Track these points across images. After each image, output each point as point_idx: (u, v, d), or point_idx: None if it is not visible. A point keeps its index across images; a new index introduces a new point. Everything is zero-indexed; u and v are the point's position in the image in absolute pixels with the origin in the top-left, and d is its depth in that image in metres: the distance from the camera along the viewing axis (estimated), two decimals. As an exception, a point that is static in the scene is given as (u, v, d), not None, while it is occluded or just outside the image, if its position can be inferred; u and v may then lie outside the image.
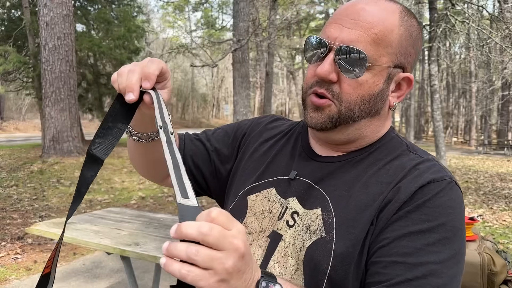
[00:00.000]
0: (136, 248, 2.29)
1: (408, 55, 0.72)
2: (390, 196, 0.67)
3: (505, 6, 10.23)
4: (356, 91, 0.70)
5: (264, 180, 0.82)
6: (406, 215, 0.65)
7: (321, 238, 0.69)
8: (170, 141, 0.56)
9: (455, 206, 0.66)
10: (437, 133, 9.85)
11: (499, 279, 1.58)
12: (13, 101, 31.68)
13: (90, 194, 7.09)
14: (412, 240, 0.63)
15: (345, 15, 0.70)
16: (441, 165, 0.72)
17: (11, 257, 4.05)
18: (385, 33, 0.68)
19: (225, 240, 0.45)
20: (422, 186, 0.66)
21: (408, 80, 0.74)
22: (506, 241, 4.84)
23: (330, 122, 0.72)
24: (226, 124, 0.99)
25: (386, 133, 0.78)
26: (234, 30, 8.75)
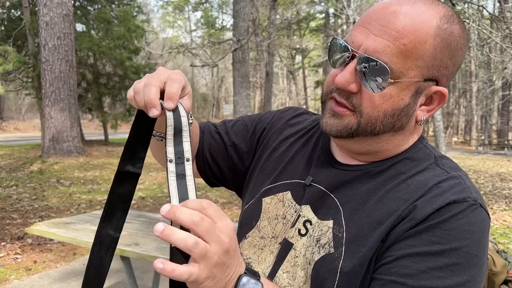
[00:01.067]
0: (136, 248, 2.28)
1: (443, 67, 0.64)
2: (404, 214, 0.61)
3: (505, 6, 10.24)
4: (379, 105, 0.63)
5: (281, 182, 0.78)
6: (416, 234, 0.59)
7: (329, 254, 0.65)
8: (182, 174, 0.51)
9: (473, 231, 0.58)
10: (437, 133, 9.85)
11: (499, 279, 1.57)
12: (13, 101, 31.69)
13: (90, 194, 7.08)
14: (416, 261, 0.57)
15: (375, 19, 0.62)
16: (467, 183, 0.64)
17: (11, 257, 4.05)
18: (415, 45, 0.60)
19: (213, 232, 0.46)
20: (440, 208, 0.59)
21: (441, 94, 0.66)
22: (507, 241, 4.84)
23: (346, 131, 0.66)
24: (247, 116, 0.94)
25: (414, 143, 0.71)
26: (234, 30, 8.74)
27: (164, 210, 0.45)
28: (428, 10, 0.62)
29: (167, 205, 0.45)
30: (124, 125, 24.43)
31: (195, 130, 0.84)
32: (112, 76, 14.88)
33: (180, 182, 0.51)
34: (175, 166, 0.51)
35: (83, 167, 9.60)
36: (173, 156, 0.52)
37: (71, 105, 10.32)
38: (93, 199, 6.74)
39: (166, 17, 33.29)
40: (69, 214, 5.68)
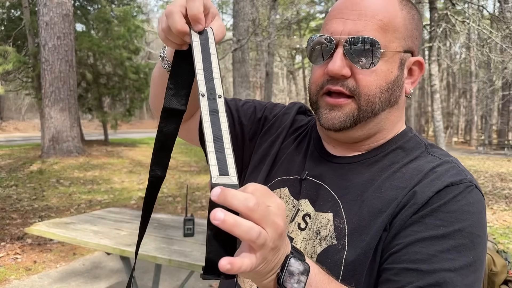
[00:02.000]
0: (136, 248, 2.28)
1: (414, 38, 0.70)
2: (404, 201, 0.63)
3: (505, 6, 10.23)
4: (374, 82, 0.66)
5: (278, 179, 0.79)
6: (420, 220, 0.61)
7: (332, 246, 0.66)
8: (215, 109, 0.47)
9: (473, 211, 0.61)
10: (437, 133, 9.84)
11: (499, 279, 1.57)
12: (13, 101, 31.67)
13: (90, 194, 7.08)
14: (425, 246, 0.59)
15: (345, 8, 0.68)
16: (461, 167, 0.67)
17: (11, 257, 4.05)
18: (389, 19, 0.66)
19: (268, 217, 0.43)
20: (439, 190, 0.62)
21: (419, 64, 0.72)
22: (507, 241, 4.83)
23: (349, 120, 0.68)
24: (258, 100, 0.94)
25: (402, 132, 0.74)
26: (234, 30, 8.74)
27: (215, 194, 0.41)
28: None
29: (217, 189, 0.41)
30: (124, 125, 24.42)
31: None
32: (112, 76, 14.87)
33: (213, 117, 0.47)
34: (208, 101, 0.48)
35: (83, 167, 9.60)
36: (205, 90, 0.48)
37: (71, 105, 10.32)
38: (93, 199, 6.73)
39: (166, 17, 33.27)
40: (69, 214, 5.67)
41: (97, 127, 27.34)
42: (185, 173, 9.86)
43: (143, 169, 10.14)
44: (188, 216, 2.54)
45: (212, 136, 0.45)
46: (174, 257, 2.14)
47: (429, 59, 9.89)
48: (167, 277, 3.55)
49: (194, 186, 8.25)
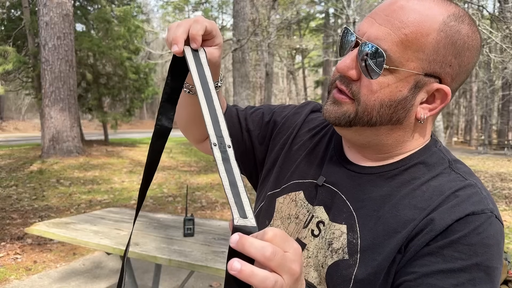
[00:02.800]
0: (136, 248, 2.28)
1: (446, 65, 0.62)
2: (422, 226, 0.61)
3: (505, 6, 10.24)
4: (375, 94, 0.63)
5: (293, 181, 0.78)
6: (438, 250, 0.59)
7: (343, 260, 0.66)
8: (226, 158, 0.52)
9: (492, 244, 0.59)
10: (437, 133, 9.84)
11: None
12: (13, 101, 31.67)
13: (90, 194, 7.08)
14: (441, 278, 0.58)
15: (382, 10, 0.63)
16: (484, 193, 0.63)
17: (11, 257, 4.04)
18: (417, 36, 0.60)
19: (285, 265, 0.43)
20: (459, 219, 0.59)
21: (443, 93, 0.64)
22: (507, 241, 4.83)
23: (344, 119, 0.67)
24: (268, 105, 0.95)
25: (425, 146, 0.70)
26: (234, 30, 8.74)
27: (234, 241, 0.42)
28: (437, 6, 0.62)
29: (236, 235, 0.42)
30: (124, 125, 24.41)
31: (221, 95, 0.85)
32: (112, 76, 14.86)
33: (227, 166, 0.51)
34: (220, 152, 0.52)
35: (83, 167, 9.60)
36: (216, 140, 0.52)
37: (71, 105, 10.32)
38: (93, 199, 6.73)
39: (166, 17, 33.29)
40: (69, 214, 5.67)
41: (97, 127, 27.34)
42: (185, 173, 9.86)
43: (143, 169, 10.14)
44: (188, 216, 2.54)
45: (228, 183, 0.50)
46: (174, 257, 2.14)
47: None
48: (167, 277, 3.55)
49: (194, 186, 8.25)
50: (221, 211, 6.23)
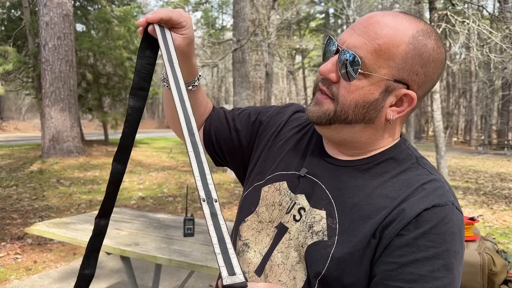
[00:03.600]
0: (136, 248, 2.28)
1: (413, 73, 0.72)
2: (394, 215, 0.70)
3: (505, 6, 10.24)
4: (350, 95, 0.72)
5: (278, 173, 0.86)
6: (413, 242, 0.67)
7: (322, 241, 0.74)
8: (214, 212, 0.58)
9: (456, 232, 0.69)
10: (437, 133, 9.84)
11: (499, 279, 1.57)
12: (13, 101, 31.68)
13: (90, 194, 7.09)
14: (418, 267, 0.66)
15: (361, 23, 0.73)
16: (446, 187, 0.73)
17: (11, 257, 4.05)
18: (389, 46, 0.69)
19: None
20: (427, 209, 0.68)
21: (410, 98, 0.73)
22: (506, 241, 4.84)
23: (325, 118, 0.75)
24: (253, 106, 1.03)
25: (396, 144, 0.79)
26: (234, 30, 8.74)
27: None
28: (408, 22, 0.72)
29: None
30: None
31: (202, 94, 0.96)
32: (112, 76, 14.87)
33: (215, 221, 0.57)
34: (208, 206, 0.58)
35: (83, 167, 9.60)
36: (204, 195, 0.59)
37: (71, 105, 10.32)
38: (93, 199, 6.74)
39: (166, 17, 33.19)
40: (69, 214, 5.68)
41: (97, 127, 27.34)
42: (185, 173, 9.86)
43: (143, 169, 10.15)
44: (188, 216, 2.54)
45: (217, 239, 0.54)
46: (174, 257, 2.15)
47: (429, 59, 9.88)
48: (167, 277, 3.55)
49: (194, 186, 8.24)
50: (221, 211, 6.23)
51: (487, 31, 9.58)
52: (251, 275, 0.82)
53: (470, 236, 1.76)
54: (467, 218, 1.81)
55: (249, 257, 0.83)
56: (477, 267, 1.56)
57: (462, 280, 1.59)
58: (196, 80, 0.90)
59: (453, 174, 10.98)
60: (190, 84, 0.89)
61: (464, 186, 8.91)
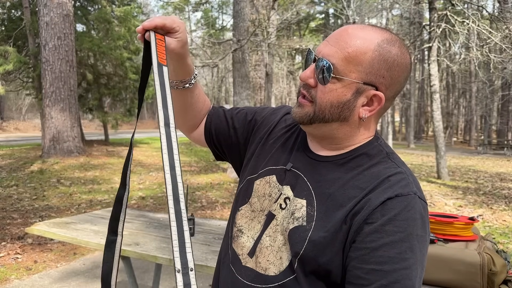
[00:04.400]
0: (136, 248, 2.29)
1: (380, 76, 0.82)
2: (362, 204, 0.79)
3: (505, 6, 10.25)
4: (326, 96, 0.83)
5: (268, 168, 0.98)
6: (381, 228, 0.77)
7: (301, 226, 0.84)
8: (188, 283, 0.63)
9: (418, 218, 0.78)
10: (437, 133, 9.84)
11: (499, 279, 1.58)
12: (13, 101, 31.68)
13: (91, 194, 7.09)
14: (387, 250, 0.75)
15: (334, 35, 0.84)
16: (411, 178, 0.82)
17: (11, 257, 4.05)
18: (357, 54, 0.80)
19: None
20: (390, 198, 0.78)
21: (378, 98, 0.84)
22: (506, 241, 4.84)
23: (306, 118, 0.86)
24: (250, 106, 1.15)
25: (369, 141, 0.90)
26: (234, 30, 8.75)
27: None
28: (374, 32, 0.83)
29: None
30: (125, 125, 24.39)
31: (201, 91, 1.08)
32: (112, 76, 14.87)
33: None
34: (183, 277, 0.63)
35: (84, 167, 9.61)
36: (180, 266, 0.63)
37: (71, 105, 10.33)
38: (93, 199, 6.74)
39: (166, 17, 33.21)
40: (70, 214, 5.68)
41: (98, 127, 27.34)
42: (185, 173, 9.87)
43: (143, 169, 10.15)
44: (188, 216, 2.55)
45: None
46: (174, 256, 2.15)
47: (429, 59, 9.89)
48: (167, 277, 3.56)
49: (194, 186, 8.26)
50: (221, 211, 6.24)
51: (487, 31, 9.58)
52: (245, 256, 0.93)
53: (470, 236, 1.76)
54: (466, 218, 1.82)
55: (243, 241, 0.94)
56: (477, 267, 1.57)
57: (462, 280, 1.59)
58: (193, 78, 1.00)
59: (453, 174, 10.99)
60: (187, 82, 1.00)
61: (463, 186, 8.91)
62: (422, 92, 29.32)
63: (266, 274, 0.87)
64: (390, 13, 22.65)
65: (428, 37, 9.99)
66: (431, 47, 9.63)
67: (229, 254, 0.99)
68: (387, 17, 22.81)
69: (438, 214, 1.86)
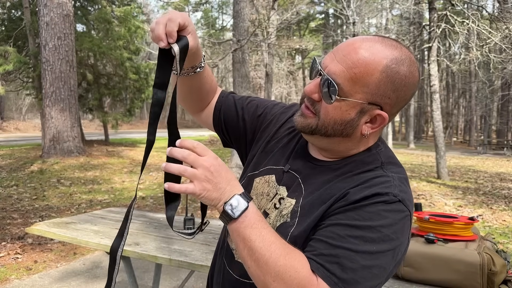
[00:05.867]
0: (136, 248, 2.29)
1: (386, 97, 0.81)
2: (340, 196, 0.82)
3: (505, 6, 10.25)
4: (330, 114, 0.83)
5: (269, 167, 0.99)
6: (343, 211, 0.79)
7: (285, 222, 0.88)
8: None
9: (388, 217, 0.76)
10: (437, 133, 9.84)
11: (498, 279, 1.58)
12: (13, 101, 31.68)
13: (90, 194, 7.09)
14: (339, 229, 0.76)
15: (341, 50, 0.81)
16: (396, 183, 0.81)
17: (11, 257, 4.06)
18: (363, 75, 0.78)
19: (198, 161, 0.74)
20: (367, 196, 0.78)
21: (382, 118, 0.83)
22: (506, 241, 4.84)
23: (307, 129, 0.87)
24: (262, 99, 1.15)
25: (368, 148, 0.90)
26: (234, 30, 8.75)
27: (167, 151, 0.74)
28: (384, 51, 0.79)
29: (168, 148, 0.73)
30: (125, 125, 24.40)
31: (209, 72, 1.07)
32: (112, 77, 14.87)
33: None
34: None
35: (84, 167, 9.61)
36: None
37: (71, 105, 10.33)
38: (93, 199, 6.74)
39: (166, 17, 33.18)
40: (70, 214, 5.68)
41: (98, 127, 27.34)
42: (185, 173, 9.86)
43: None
44: (188, 216, 2.55)
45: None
46: (174, 256, 2.15)
47: (429, 59, 9.89)
48: (167, 277, 3.56)
49: (194, 186, 8.24)
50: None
51: (487, 31, 9.58)
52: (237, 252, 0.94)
53: (470, 236, 1.77)
54: (466, 218, 1.82)
55: None
56: (477, 267, 1.57)
57: (462, 280, 1.60)
58: (202, 61, 1.00)
59: (453, 174, 10.99)
60: (197, 67, 0.99)
61: (463, 186, 8.91)
62: (422, 92, 29.32)
63: None
64: (390, 13, 22.65)
65: (428, 37, 9.99)
66: (431, 47, 9.63)
67: (224, 248, 1.02)
68: (387, 17, 22.81)
69: (438, 214, 1.86)
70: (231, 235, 0.77)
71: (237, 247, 0.77)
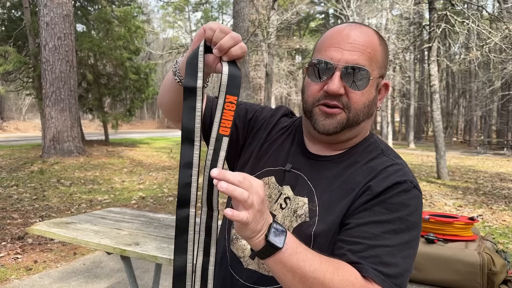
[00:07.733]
0: (136, 248, 2.29)
1: (385, 66, 0.91)
2: (362, 191, 0.83)
3: (505, 6, 10.25)
4: (361, 100, 0.86)
5: (266, 169, 0.99)
6: (371, 207, 0.81)
7: (305, 222, 0.87)
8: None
9: (410, 204, 0.81)
10: (437, 133, 9.84)
11: (498, 279, 1.58)
12: (13, 101, 31.68)
13: (90, 194, 7.09)
14: (372, 227, 0.79)
15: (341, 40, 0.85)
16: (406, 169, 0.87)
17: (11, 257, 4.06)
18: (375, 52, 0.86)
19: (252, 188, 0.66)
20: (389, 187, 0.82)
21: (386, 85, 0.93)
22: (506, 241, 4.84)
23: (340, 126, 0.87)
24: (250, 103, 1.14)
25: (364, 139, 0.95)
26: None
27: (215, 172, 0.65)
28: (369, 30, 0.88)
29: (216, 169, 0.66)
30: (125, 125, 24.40)
31: None
32: (112, 77, 14.88)
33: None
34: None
35: (84, 167, 9.61)
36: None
37: (71, 105, 10.33)
38: (93, 199, 6.74)
39: (166, 18, 33.26)
40: (70, 214, 5.68)
41: (98, 127, 27.34)
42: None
43: (143, 169, 10.15)
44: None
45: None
46: (174, 256, 2.15)
47: (429, 59, 9.89)
48: (167, 277, 3.56)
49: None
50: (221, 210, 6.23)
51: (487, 31, 9.58)
52: (246, 259, 0.93)
53: (469, 236, 1.77)
54: (466, 218, 1.82)
55: (243, 244, 0.94)
56: (477, 266, 1.57)
57: (462, 280, 1.60)
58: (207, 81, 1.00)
59: (453, 174, 10.99)
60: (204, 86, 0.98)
61: (463, 186, 8.91)
62: (422, 92, 29.32)
63: (270, 275, 0.88)
64: (390, 13, 22.65)
65: (428, 37, 9.98)
66: (431, 47, 9.63)
67: (226, 257, 0.98)
68: (387, 17, 22.81)
69: (438, 214, 1.86)
70: (271, 268, 0.72)
71: (282, 277, 0.72)
